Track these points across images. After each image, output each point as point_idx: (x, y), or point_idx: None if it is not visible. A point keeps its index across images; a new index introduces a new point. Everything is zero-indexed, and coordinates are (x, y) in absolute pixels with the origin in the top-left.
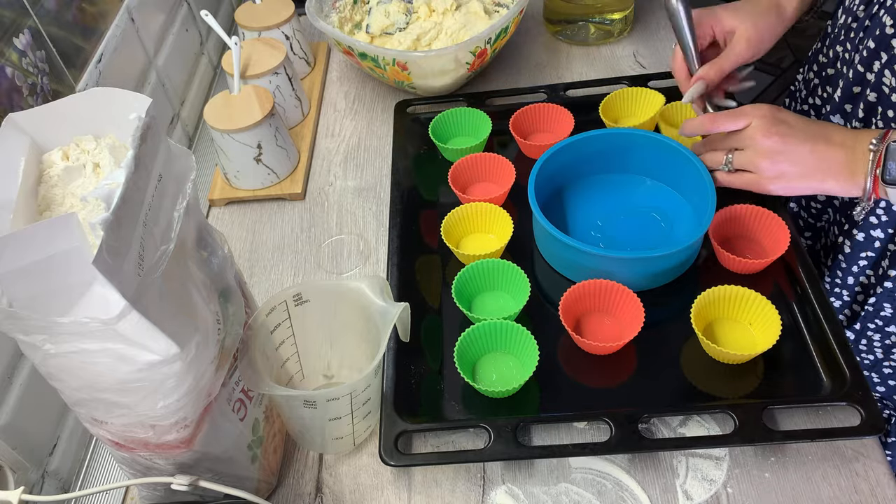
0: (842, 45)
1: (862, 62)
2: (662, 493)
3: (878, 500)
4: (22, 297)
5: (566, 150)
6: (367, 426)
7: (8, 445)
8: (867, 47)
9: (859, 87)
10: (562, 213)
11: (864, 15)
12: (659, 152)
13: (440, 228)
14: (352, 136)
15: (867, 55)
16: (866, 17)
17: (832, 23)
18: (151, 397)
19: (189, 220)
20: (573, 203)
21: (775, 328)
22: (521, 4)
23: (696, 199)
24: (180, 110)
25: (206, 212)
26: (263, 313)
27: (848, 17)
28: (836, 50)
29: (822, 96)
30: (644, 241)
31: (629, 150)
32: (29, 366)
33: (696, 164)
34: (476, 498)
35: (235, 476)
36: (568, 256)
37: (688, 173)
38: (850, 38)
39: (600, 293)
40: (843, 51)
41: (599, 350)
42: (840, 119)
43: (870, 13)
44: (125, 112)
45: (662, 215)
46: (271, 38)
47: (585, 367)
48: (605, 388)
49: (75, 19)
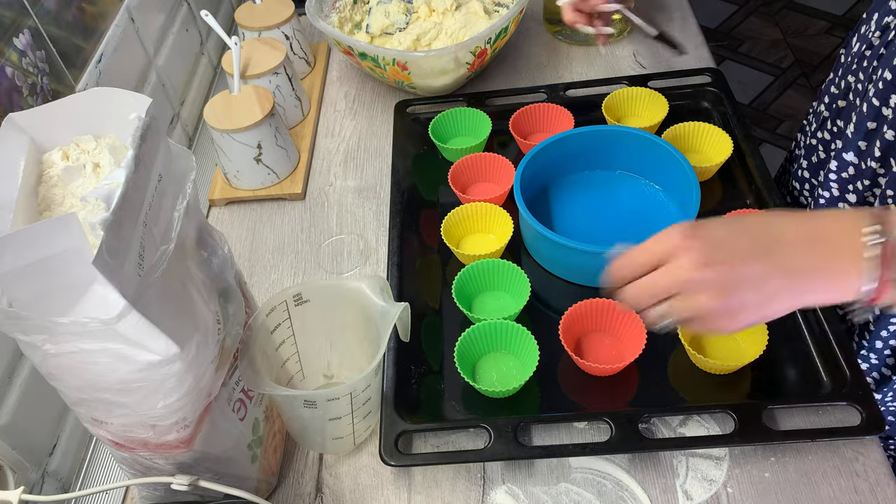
0: (854, 74)
1: (877, 95)
2: (662, 493)
3: (878, 500)
4: (22, 297)
5: (552, 148)
6: (367, 426)
7: (8, 445)
8: (882, 79)
9: (874, 122)
10: (548, 211)
11: (880, 42)
12: (644, 149)
13: (440, 228)
14: (352, 136)
15: (883, 88)
16: (882, 45)
17: (846, 51)
18: (151, 397)
19: (189, 220)
20: (559, 200)
21: (762, 337)
22: (521, 4)
23: (681, 195)
24: (180, 110)
25: (206, 212)
26: (263, 313)
27: (863, 45)
28: (849, 80)
29: (833, 130)
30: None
31: (614, 146)
32: (29, 366)
33: (680, 160)
34: (476, 498)
35: (235, 476)
36: (552, 253)
37: (672, 170)
38: (864, 67)
39: (601, 313)
40: (855, 81)
41: (600, 371)
42: (854, 157)
43: (885, 40)
44: (125, 112)
45: (647, 211)
46: (271, 38)
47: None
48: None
49: (75, 19)
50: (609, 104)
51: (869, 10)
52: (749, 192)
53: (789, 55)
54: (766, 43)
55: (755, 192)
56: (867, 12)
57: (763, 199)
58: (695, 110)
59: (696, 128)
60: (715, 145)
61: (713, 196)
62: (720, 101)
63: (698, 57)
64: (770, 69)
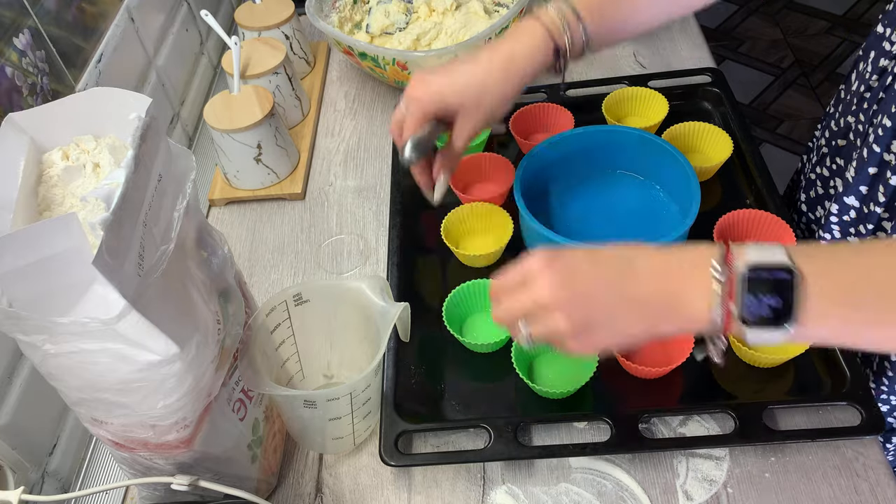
0: (854, 115)
1: (878, 142)
2: (662, 493)
3: (878, 500)
4: (22, 297)
5: (552, 148)
6: (367, 426)
7: (8, 445)
8: (882, 125)
9: (876, 168)
10: (548, 211)
11: (878, 86)
12: (644, 149)
13: (440, 228)
14: (352, 135)
15: (883, 134)
16: (880, 89)
17: (845, 87)
18: (151, 397)
19: (189, 220)
20: (560, 201)
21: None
22: (521, 4)
23: (681, 195)
24: (180, 110)
25: (206, 212)
26: (263, 313)
27: (861, 86)
28: (849, 120)
29: (832, 167)
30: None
31: (614, 146)
32: (29, 366)
33: (680, 160)
34: (476, 498)
35: (235, 476)
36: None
37: (673, 170)
38: (864, 109)
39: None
40: (855, 122)
41: (647, 374)
42: (856, 201)
43: (883, 84)
44: (125, 112)
45: (648, 211)
46: (271, 38)
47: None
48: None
49: (75, 19)
50: (609, 104)
51: (864, 48)
52: (749, 191)
53: (789, 55)
54: (766, 43)
55: (755, 191)
56: (863, 49)
57: (763, 199)
58: (695, 110)
59: (697, 128)
60: (715, 145)
61: (713, 196)
62: (720, 101)
63: (698, 57)
64: (770, 69)
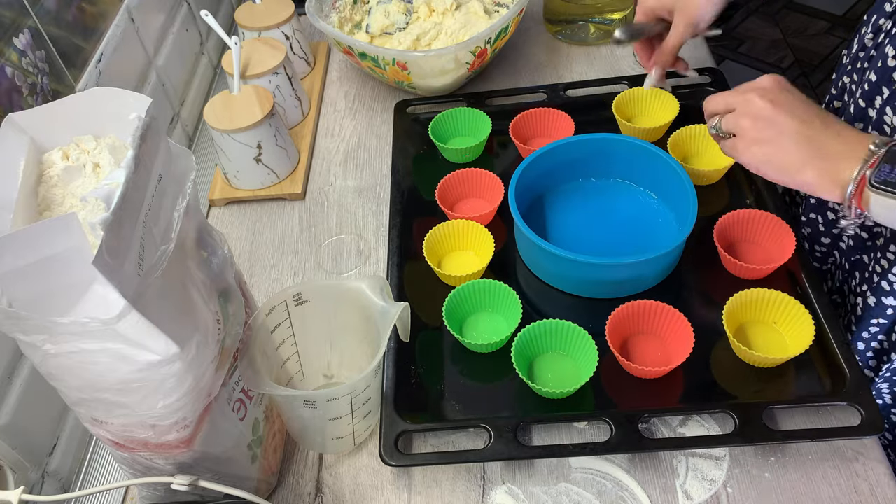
0: (849, 76)
1: (863, 96)
2: (662, 493)
3: (878, 500)
4: (22, 297)
5: (546, 157)
6: (367, 426)
7: (8, 445)
8: (868, 80)
9: (861, 123)
10: (543, 220)
11: (872, 45)
12: (639, 157)
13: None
14: (352, 136)
15: (868, 89)
16: (872, 47)
17: (847, 52)
18: (151, 397)
19: (189, 220)
20: (554, 210)
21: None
22: (521, 4)
23: (678, 203)
24: (180, 110)
25: (206, 212)
26: (263, 313)
27: (859, 47)
28: (844, 81)
29: None
30: (626, 246)
31: (610, 154)
32: (29, 366)
33: (676, 169)
34: (476, 498)
35: (235, 476)
36: (548, 264)
37: (669, 178)
38: (857, 68)
39: (647, 315)
40: (849, 82)
41: (647, 374)
42: None
43: (876, 42)
44: (125, 112)
45: (644, 220)
46: (271, 38)
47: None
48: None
49: (75, 19)
50: (619, 104)
51: (868, 13)
52: (749, 192)
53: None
54: (766, 43)
55: (755, 191)
56: (867, 14)
57: (763, 198)
58: (695, 110)
59: (703, 131)
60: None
61: (713, 196)
62: None
63: (698, 57)
64: (770, 69)
